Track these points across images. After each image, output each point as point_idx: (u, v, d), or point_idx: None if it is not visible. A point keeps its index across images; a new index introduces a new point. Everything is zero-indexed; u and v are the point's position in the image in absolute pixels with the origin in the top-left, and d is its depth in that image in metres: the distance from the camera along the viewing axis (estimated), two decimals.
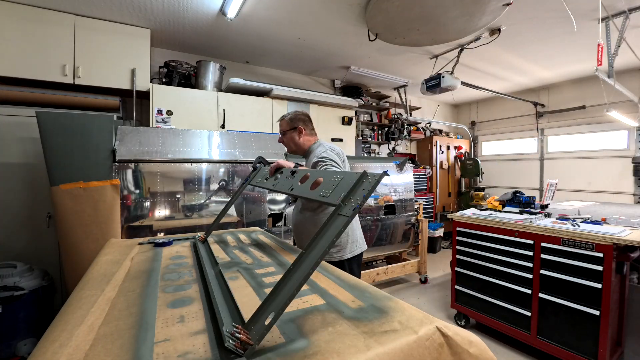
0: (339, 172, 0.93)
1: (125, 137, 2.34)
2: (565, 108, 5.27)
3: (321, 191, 0.91)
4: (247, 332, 0.61)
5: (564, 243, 2.10)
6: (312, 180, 1.04)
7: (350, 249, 1.75)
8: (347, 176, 0.85)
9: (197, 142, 2.61)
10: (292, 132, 1.82)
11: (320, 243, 0.70)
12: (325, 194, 0.87)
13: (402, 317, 0.74)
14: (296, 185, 1.13)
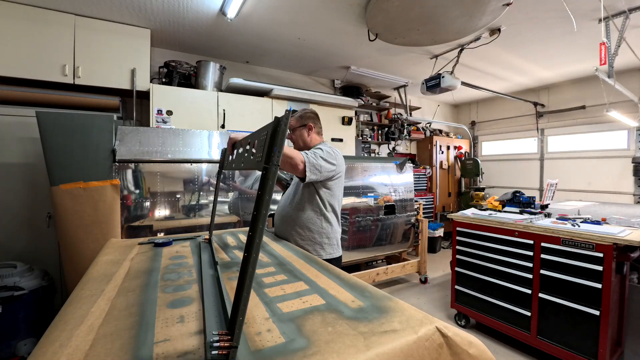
0: (264, 127, 0.77)
1: (125, 137, 2.34)
2: (565, 108, 5.27)
3: (257, 157, 0.78)
4: (229, 335, 0.59)
5: (564, 243, 2.10)
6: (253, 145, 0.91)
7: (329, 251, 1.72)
8: (268, 127, 0.71)
9: (197, 142, 2.61)
10: (301, 129, 1.79)
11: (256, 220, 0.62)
12: (259, 157, 0.74)
13: (402, 317, 0.74)
14: (244, 158, 0.97)
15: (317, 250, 1.68)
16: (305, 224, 1.67)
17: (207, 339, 0.62)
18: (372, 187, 3.59)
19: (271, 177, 0.62)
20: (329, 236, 1.71)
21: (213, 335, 0.61)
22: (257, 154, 0.76)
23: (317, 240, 1.69)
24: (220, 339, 0.59)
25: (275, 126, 0.66)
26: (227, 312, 0.73)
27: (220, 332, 0.61)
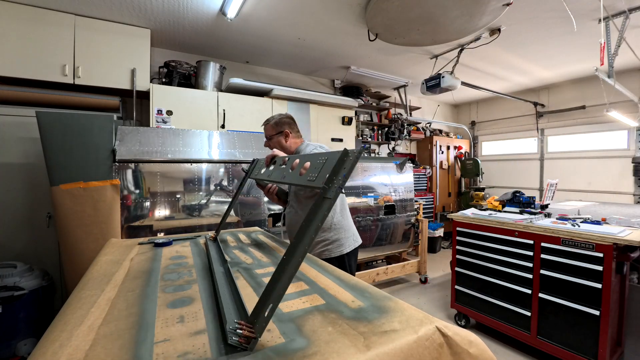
0: (324, 154, 0.87)
1: (125, 137, 2.34)
2: (565, 108, 5.27)
3: (308, 176, 0.87)
4: (251, 326, 0.62)
5: (564, 243, 2.10)
6: (302, 165, 0.99)
7: (348, 244, 1.79)
8: (331, 156, 0.81)
9: (197, 142, 2.61)
10: (278, 136, 1.79)
11: (309, 230, 0.69)
12: (312, 178, 0.84)
13: (402, 317, 0.74)
14: (287, 173, 1.08)
15: (337, 248, 1.72)
16: None
17: (228, 325, 0.65)
18: (372, 187, 3.59)
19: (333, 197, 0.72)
20: (345, 229, 1.77)
21: (234, 322, 0.64)
22: (310, 174, 0.87)
23: (333, 239, 1.72)
24: (242, 327, 0.62)
25: (343, 155, 0.75)
26: (243, 305, 0.76)
27: (241, 322, 0.64)
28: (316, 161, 0.87)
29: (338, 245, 1.75)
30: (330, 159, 0.81)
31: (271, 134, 1.80)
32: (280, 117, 1.82)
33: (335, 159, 0.77)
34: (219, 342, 0.64)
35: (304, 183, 0.88)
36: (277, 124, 1.80)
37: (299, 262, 0.65)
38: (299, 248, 0.67)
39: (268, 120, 1.83)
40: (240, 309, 0.76)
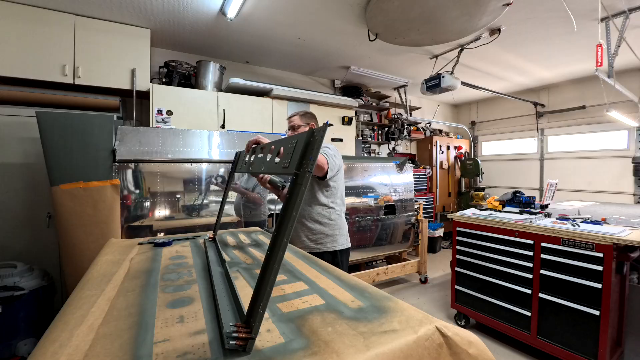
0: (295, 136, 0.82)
1: (125, 137, 2.34)
2: (565, 108, 5.27)
3: (283, 163, 0.83)
4: (247, 326, 0.62)
5: (564, 243, 2.10)
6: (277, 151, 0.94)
7: (341, 242, 1.85)
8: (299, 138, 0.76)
9: (197, 142, 2.61)
10: (304, 128, 1.82)
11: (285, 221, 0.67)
12: (286, 164, 0.79)
13: (402, 317, 0.74)
14: (265, 162, 1.02)
15: (330, 243, 1.76)
16: (315, 218, 1.75)
17: (225, 329, 0.64)
18: (372, 187, 3.59)
19: (304, 182, 0.67)
20: (340, 227, 1.82)
21: (230, 326, 0.64)
22: (284, 160, 0.81)
23: (328, 233, 1.77)
24: (238, 330, 0.61)
25: (309, 136, 0.72)
26: (240, 306, 0.75)
27: (238, 324, 0.64)
28: (288, 146, 0.81)
29: (332, 240, 1.79)
30: (299, 141, 0.75)
31: (299, 124, 1.83)
32: (306, 112, 1.88)
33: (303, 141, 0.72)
34: (219, 342, 0.64)
35: (280, 171, 0.83)
36: (304, 116, 1.84)
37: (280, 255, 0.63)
38: (279, 240, 0.65)
39: (296, 113, 1.88)
40: (238, 310, 0.76)
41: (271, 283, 0.62)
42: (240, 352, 0.60)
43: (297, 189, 0.68)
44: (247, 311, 0.64)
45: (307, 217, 1.78)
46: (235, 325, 0.64)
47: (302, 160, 0.70)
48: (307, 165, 0.68)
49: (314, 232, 1.77)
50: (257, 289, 0.64)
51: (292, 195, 0.68)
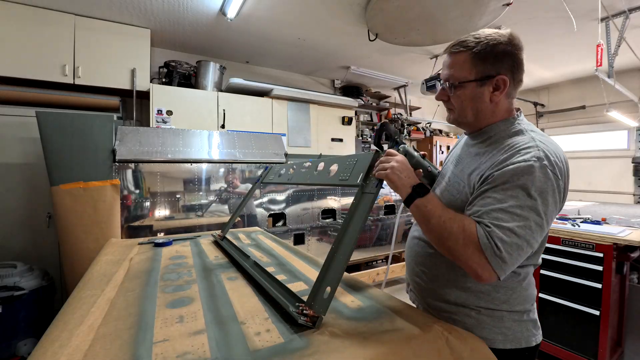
0: (352, 156, 0.94)
1: (125, 137, 2.34)
2: (565, 108, 5.27)
3: (339, 175, 0.93)
4: (310, 307, 0.70)
5: (564, 243, 2.10)
6: (328, 167, 1.01)
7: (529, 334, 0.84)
8: (361, 157, 0.90)
9: (197, 142, 2.61)
10: (478, 88, 0.83)
11: (354, 220, 0.76)
12: (344, 177, 0.91)
13: (402, 317, 0.74)
14: (312, 175, 1.11)
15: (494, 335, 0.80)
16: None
17: (291, 309, 0.73)
18: None
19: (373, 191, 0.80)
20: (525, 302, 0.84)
21: (296, 306, 0.73)
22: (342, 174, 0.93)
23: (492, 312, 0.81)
24: (306, 309, 0.70)
25: (376, 157, 0.85)
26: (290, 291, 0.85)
27: (302, 305, 0.72)
28: (345, 163, 0.95)
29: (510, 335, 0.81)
30: (360, 160, 0.90)
31: (463, 77, 0.83)
32: (496, 44, 0.80)
33: (367, 159, 0.86)
34: (219, 341, 0.64)
35: (335, 182, 0.94)
36: (486, 57, 0.81)
37: (350, 249, 0.72)
38: (348, 235, 0.74)
39: (464, 44, 0.83)
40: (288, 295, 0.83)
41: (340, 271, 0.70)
42: (241, 350, 0.60)
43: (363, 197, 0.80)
44: (310, 295, 0.73)
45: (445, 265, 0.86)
46: (300, 305, 0.72)
47: (367, 174, 0.83)
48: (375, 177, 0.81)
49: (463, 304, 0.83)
50: (321, 276, 0.72)
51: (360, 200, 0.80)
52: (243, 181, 2.80)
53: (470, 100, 0.84)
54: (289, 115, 3.91)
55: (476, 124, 0.89)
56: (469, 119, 0.88)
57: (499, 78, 0.81)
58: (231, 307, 0.80)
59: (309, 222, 3.05)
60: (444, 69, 0.88)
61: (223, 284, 0.97)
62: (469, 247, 0.68)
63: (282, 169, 1.42)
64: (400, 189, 0.79)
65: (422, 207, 0.76)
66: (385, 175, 0.78)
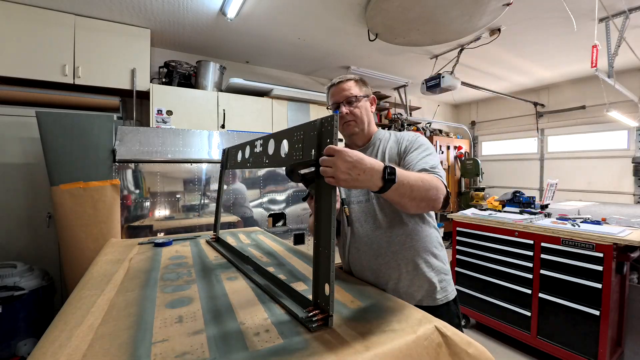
0: (298, 127, 0.79)
1: (125, 137, 2.34)
2: (565, 108, 5.27)
3: (292, 154, 0.81)
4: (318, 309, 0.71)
5: (564, 243, 2.10)
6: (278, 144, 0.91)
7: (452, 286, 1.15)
8: (306, 129, 0.76)
9: (197, 142, 2.61)
10: (366, 101, 1.18)
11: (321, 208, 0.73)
12: (298, 156, 0.78)
13: (401, 317, 0.74)
14: (268, 156, 0.98)
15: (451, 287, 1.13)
16: (431, 249, 1.10)
17: (300, 316, 0.72)
18: None
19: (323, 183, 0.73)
20: (444, 262, 1.14)
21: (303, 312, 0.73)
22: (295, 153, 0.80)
23: (443, 270, 1.12)
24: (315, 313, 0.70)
25: (320, 126, 0.73)
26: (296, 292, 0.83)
27: (310, 309, 0.72)
28: (293, 138, 0.81)
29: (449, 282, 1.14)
30: (306, 131, 0.76)
31: (357, 94, 1.16)
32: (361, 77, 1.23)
33: (313, 130, 0.72)
34: (218, 342, 0.64)
35: (291, 162, 0.82)
36: (364, 83, 1.21)
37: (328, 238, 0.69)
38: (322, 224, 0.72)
39: (347, 77, 1.19)
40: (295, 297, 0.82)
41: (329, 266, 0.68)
42: (240, 351, 0.60)
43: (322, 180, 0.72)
44: (313, 296, 0.73)
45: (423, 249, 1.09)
46: (308, 310, 0.72)
47: (320, 151, 0.72)
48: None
49: (435, 269, 1.09)
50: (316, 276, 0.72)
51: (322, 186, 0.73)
52: (243, 181, 2.80)
53: (364, 110, 1.18)
54: (289, 115, 3.91)
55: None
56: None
57: (372, 97, 1.21)
58: (230, 307, 0.80)
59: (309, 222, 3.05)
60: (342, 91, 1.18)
61: (223, 284, 0.97)
62: (438, 185, 0.93)
63: (238, 153, 1.32)
64: (363, 184, 0.76)
65: (401, 185, 0.82)
66: (336, 182, 0.71)
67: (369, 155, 0.89)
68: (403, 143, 1.11)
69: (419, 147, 1.08)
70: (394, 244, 1.07)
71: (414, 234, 1.08)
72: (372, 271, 1.09)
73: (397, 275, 1.07)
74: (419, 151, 1.07)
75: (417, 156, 1.05)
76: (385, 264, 1.07)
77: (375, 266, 1.08)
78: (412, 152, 1.08)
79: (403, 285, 1.06)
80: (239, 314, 0.76)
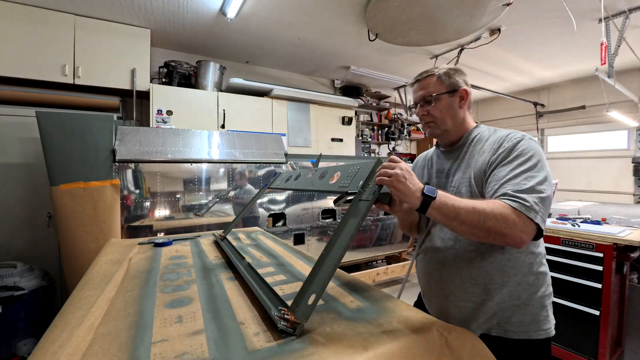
0: (355, 164, 0.92)
1: (125, 137, 2.34)
2: (565, 108, 5.27)
3: (340, 183, 0.93)
4: (293, 313, 0.68)
5: (564, 243, 2.10)
6: (331, 174, 1.01)
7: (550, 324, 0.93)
8: (363, 165, 0.88)
9: (197, 142, 2.61)
10: (450, 98, 1.02)
11: (346, 227, 0.74)
12: (345, 184, 0.90)
13: (401, 317, 0.74)
14: (315, 181, 1.10)
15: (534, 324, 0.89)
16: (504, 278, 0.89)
17: (273, 312, 0.71)
18: None
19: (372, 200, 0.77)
20: (544, 296, 0.92)
21: (279, 310, 0.71)
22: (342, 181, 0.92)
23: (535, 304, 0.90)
24: (288, 314, 0.68)
25: (377, 164, 0.81)
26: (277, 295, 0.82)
27: (285, 309, 0.70)
28: (347, 171, 0.93)
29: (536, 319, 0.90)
30: (362, 167, 0.88)
31: (435, 91, 1.02)
32: (459, 69, 1.08)
33: (369, 167, 0.83)
34: (217, 342, 0.64)
35: (335, 189, 0.93)
36: (450, 77, 1.02)
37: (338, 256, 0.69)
38: (339, 242, 0.72)
39: (429, 72, 1.04)
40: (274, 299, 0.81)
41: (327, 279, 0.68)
42: (240, 351, 0.60)
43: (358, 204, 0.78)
44: (295, 300, 0.71)
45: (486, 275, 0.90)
46: (283, 309, 0.70)
47: (367, 182, 0.81)
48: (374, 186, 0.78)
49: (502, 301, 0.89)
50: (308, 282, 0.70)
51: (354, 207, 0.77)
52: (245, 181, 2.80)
53: (446, 110, 1.04)
54: (289, 115, 3.91)
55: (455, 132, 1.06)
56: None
57: (461, 90, 1.04)
58: (230, 308, 0.80)
59: (309, 222, 3.05)
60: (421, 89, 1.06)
61: (222, 284, 0.97)
62: (507, 216, 0.74)
63: (289, 176, 1.41)
64: (408, 196, 0.75)
65: (443, 205, 0.75)
66: (390, 183, 0.74)
67: (453, 161, 0.99)
68: (500, 148, 0.89)
69: (515, 157, 0.84)
70: (462, 259, 0.92)
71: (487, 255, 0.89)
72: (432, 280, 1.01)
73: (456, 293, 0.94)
74: (512, 165, 0.83)
75: (508, 173, 0.82)
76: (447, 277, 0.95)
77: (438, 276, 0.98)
78: (503, 164, 0.85)
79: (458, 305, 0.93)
80: (239, 314, 0.76)
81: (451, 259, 0.94)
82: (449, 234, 0.95)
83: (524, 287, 0.89)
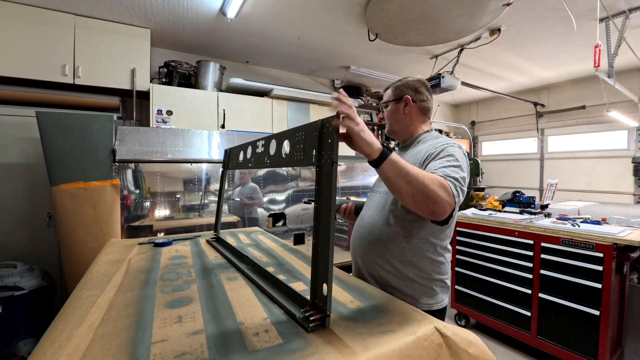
0: (299, 127, 0.80)
1: (125, 137, 2.34)
2: (565, 108, 5.27)
3: (294, 155, 0.82)
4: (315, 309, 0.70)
5: (564, 243, 2.10)
6: (279, 144, 0.91)
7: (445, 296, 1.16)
8: (307, 128, 0.77)
9: (197, 142, 2.61)
10: (396, 105, 1.26)
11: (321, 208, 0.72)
12: (299, 156, 0.79)
13: (401, 317, 0.74)
14: (269, 156, 0.98)
15: (421, 297, 1.09)
16: (409, 259, 1.09)
17: (298, 316, 0.72)
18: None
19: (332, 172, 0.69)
20: (442, 275, 1.13)
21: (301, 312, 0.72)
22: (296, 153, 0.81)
23: (424, 284, 1.10)
24: (312, 313, 0.70)
25: (320, 128, 0.73)
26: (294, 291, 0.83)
27: (307, 308, 0.72)
28: (295, 139, 0.82)
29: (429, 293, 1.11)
30: (308, 132, 0.77)
31: (386, 100, 1.31)
32: (407, 81, 1.33)
33: (315, 130, 0.74)
34: (217, 342, 0.64)
35: (292, 163, 0.84)
36: (397, 88, 1.29)
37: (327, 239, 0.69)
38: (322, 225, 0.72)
39: (390, 85, 1.36)
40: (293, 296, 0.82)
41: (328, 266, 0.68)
42: (239, 351, 0.60)
43: (325, 179, 0.71)
44: (311, 295, 0.72)
45: (395, 254, 1.10)
46: (305, 309, 0.72)
47: (321, 151, 0.72)
48: (330, 156, 0.69)
49: (400, 276, 1.10)
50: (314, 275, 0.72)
51: (321, 185, 0.72)
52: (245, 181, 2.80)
53: (390, 114, 1.31)
54: (289, 115, 3.91)
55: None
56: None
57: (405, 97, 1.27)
58: (230, 308, 0.80)
59: (309, 222, 3.05)
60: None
61: (222, 284, 0.97)
62: (441, 188, 0.89)
63: (240, 153, 1.31)
64: (371, 145, 0.82)
65: (397, 161, 0.86)
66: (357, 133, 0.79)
67: (403, 156, 1.11)
68: (437, 147, 1.08)
69: (445, 156, 1.03)
70: (390, 237, 1.12)
71: (411, 236, 1.10)
72: (362, 256, 1.21)
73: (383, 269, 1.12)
74: (443, 160, 1.01)
75: (438, 164, 1.00)
76: (376, 252, 1.15)
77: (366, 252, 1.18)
78: (435, 159, 1.04)
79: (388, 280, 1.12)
80: (239, 314, 0.76)
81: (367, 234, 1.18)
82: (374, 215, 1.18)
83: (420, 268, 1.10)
